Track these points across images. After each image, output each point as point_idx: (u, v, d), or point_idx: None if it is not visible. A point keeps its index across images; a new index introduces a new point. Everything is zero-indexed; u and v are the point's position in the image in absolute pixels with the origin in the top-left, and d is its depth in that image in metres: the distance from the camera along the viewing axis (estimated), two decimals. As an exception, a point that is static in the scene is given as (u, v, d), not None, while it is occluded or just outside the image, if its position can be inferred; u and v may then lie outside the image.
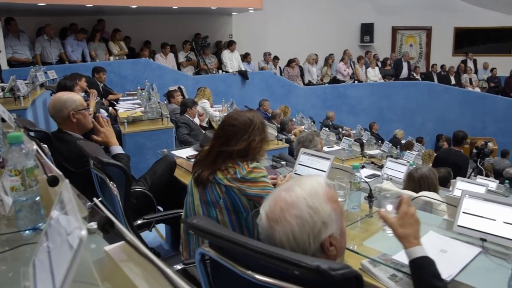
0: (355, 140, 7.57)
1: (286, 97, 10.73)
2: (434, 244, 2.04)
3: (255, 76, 10.70)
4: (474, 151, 7.04)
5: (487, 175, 8.30)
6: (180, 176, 3.32)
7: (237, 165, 2.07)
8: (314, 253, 1.19)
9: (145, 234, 3.55)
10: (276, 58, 11.52)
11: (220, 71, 10.35)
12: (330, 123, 10.23)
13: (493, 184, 5.89)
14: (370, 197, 2.48)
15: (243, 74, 10.31)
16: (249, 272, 1.05)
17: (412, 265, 1.44)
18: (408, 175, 3.16)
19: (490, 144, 10.35)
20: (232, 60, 10.36)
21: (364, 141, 8.29)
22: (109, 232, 0.91)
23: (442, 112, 12.11)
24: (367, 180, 4.07)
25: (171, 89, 7.77)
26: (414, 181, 3.05)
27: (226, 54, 10.37)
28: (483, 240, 2.06)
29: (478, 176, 7.00)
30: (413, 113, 12.23)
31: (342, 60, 12.23)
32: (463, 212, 2.15)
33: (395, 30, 13.78)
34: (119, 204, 1.90)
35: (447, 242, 2.08)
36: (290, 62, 11.71)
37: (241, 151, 2.09)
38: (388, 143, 8.86)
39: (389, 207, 1.66)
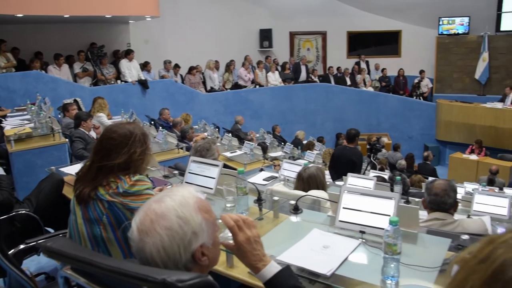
0: (258, 144, 7.69)
1: (189, 105, 10.66)
2: (317, 241, 2.13)
3: (155, 85, 10.49)
4: (367, 146, 7.48)
5: (382, 169, 8.86)
6: (69, 194, 3.17)
7: (119, 179, 2.02)
8: (186, 264, 1.18)
9: (38, 258, 3.35)
10: (177, 66, 11.36)
11: (119, 81, 10.01)
12: (240, 127, 10.33)
13: (385, 176, 6.26)
14: (259, 200, 2.54)
15: (143, 84, 10.06)
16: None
17: (268, 287, 1.38)
18: (298, 175, 3.26)
19: (384, 139, 11.06)
20: (130, 69, 10.05)
21: (267, 144, 8.46)
22: None
23: (340, 111, 12.75)
24: (265, 182, 4.18)
25: (66, 102, 7.39)
26: (303, 181, 3.16)
27: (124, 64, 10.04)
28: (362, 232, 2.19)
29: (372, 170, 7.43)
30: (313, 114, 12.75)
31: (243, 65, 12.41)
32: (343, 208, 2.27)
33: (292, 35, 14.27)
34: (-12, 230, 1.78)
35: (329, 237, 2.17)
36: (191, 70, 11.61)
37: (122, 165, 2.03)
38: (290, 144, 9.10)
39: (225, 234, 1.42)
